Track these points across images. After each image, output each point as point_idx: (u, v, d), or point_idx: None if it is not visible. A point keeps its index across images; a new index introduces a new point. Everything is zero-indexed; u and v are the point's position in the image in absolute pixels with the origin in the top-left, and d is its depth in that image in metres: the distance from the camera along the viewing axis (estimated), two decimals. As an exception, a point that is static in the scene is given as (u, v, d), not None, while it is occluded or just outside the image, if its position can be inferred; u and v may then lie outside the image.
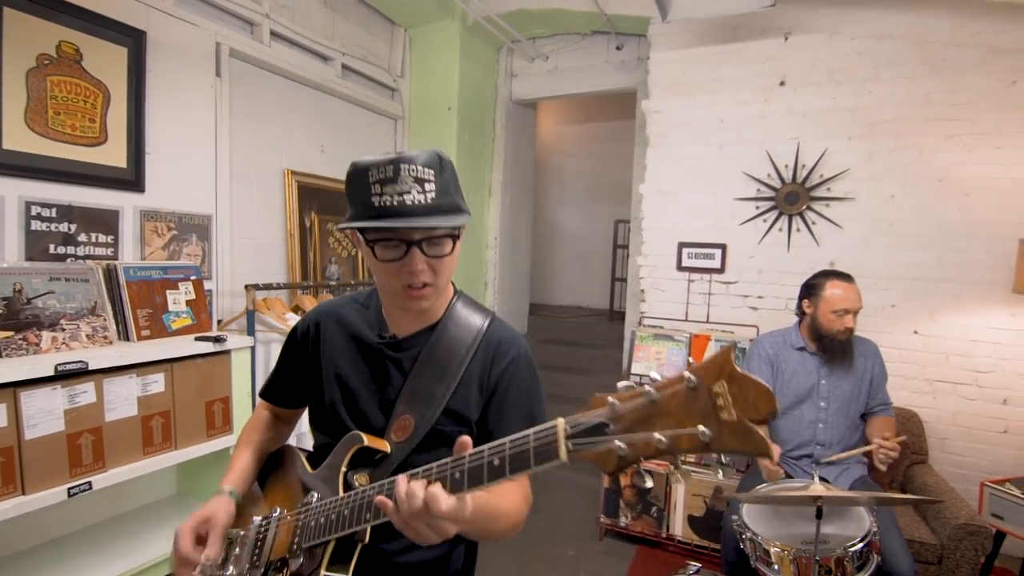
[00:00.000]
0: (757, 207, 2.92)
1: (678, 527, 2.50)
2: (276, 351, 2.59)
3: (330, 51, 3.13)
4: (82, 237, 2.07)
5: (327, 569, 0.79)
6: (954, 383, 2.62)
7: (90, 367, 1.72)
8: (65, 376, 1.68)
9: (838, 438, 1.95)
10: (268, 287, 2.46)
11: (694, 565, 1.64)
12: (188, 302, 2.22)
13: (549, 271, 6.79)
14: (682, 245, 3.08)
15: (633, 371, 2.94)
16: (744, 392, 0.47)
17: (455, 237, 0.83)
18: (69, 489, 1.69)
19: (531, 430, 0.60)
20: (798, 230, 2.86)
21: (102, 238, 2.13)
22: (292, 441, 2.60)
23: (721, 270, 3.01)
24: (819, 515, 1.33)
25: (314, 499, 0.86)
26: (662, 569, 2.39)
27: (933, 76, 2.58)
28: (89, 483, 1.74)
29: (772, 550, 1.54)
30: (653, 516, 2.54)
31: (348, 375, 0.93)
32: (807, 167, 2.81)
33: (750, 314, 2.97)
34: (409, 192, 0.76)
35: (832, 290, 1.92)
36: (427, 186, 0.77)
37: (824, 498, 1.33)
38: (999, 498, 2.08)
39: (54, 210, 1.98)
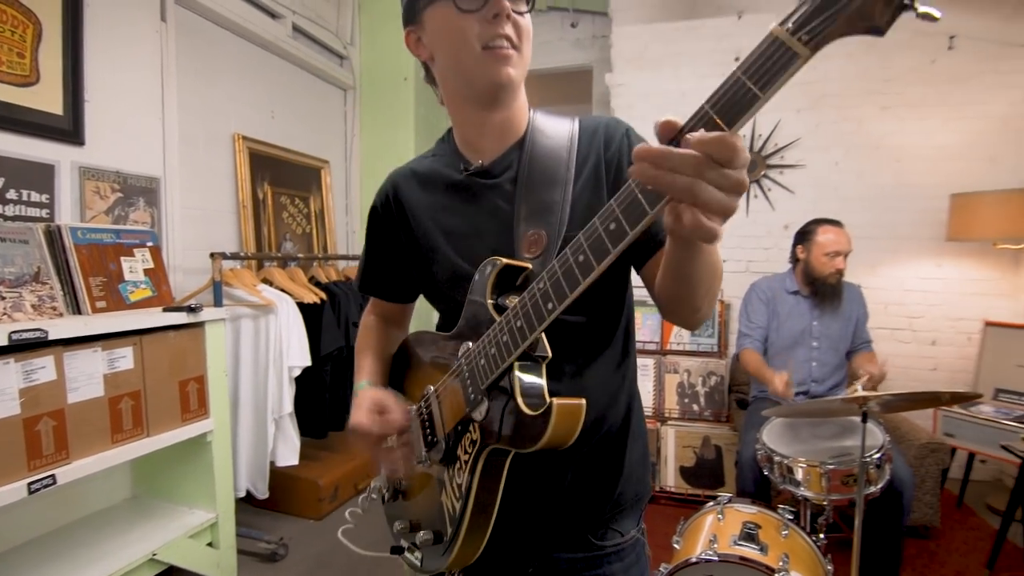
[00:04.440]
0: (718, 175, 3.08)
1: (670, 479, 2.57)
2: (247, 330, 2.34)
3: (279, 7, 2.88)
4: (11, 194, 1.74)
5: (520, 371, 0.65)
6: (892, 329, 2.93)
7: (50, 337, 1.44)
8: (19, 348, 1.40)
9: (829, 374, 2.12)
10: (235, 256, 2.21)
11: (725, 495, 1.68)
12: (146, 271, 1.93)
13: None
14: (649, 214, 3.18)
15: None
16: None
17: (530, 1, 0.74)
18: (29, 484, 1.40)
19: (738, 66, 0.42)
20: (755, 196, 3.06)
21: (35, 196, 1.81)
22: (271, 428, 2.34)
23: (687, 236, 3.14)
24: (865, 419, 1.41)
25: (469, 347, 0.73)
26: (659, 521, 2.44)
27: (869, 53, 2.87)
28: (53, 476, 1.46)
29: (799, 468, 1.62)
30: (646, 472, 2.59)
31: (449, 224, 0.82)
32: (763, 137, 3.01)
33: (715, 277, 3.13)
34: None
35: (824, 235, 2.07)
36: None
37: (869, 402, 1.40)
38: (950, 419, 2.36)
39: (-24, 159, 1.64)
